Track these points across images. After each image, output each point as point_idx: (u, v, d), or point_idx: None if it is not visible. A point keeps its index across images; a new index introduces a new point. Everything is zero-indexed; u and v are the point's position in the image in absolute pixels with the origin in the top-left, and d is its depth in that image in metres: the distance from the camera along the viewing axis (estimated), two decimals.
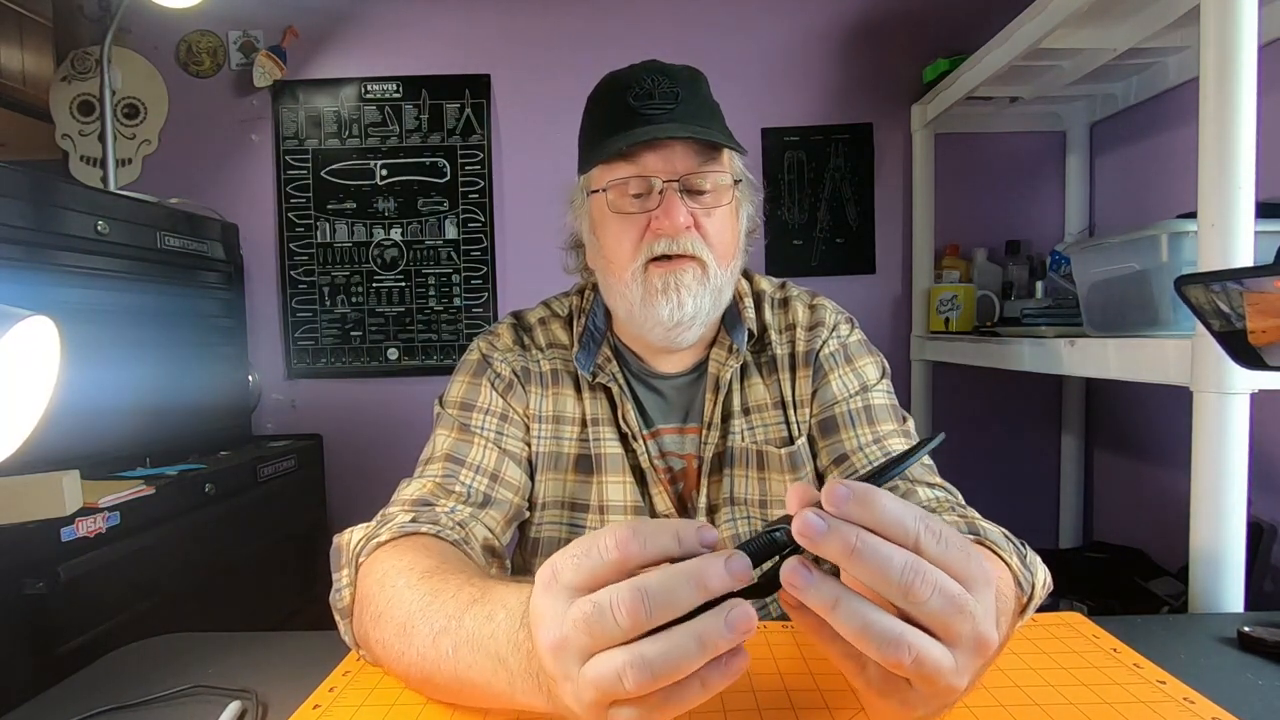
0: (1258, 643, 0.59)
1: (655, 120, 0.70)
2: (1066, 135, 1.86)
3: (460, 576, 0.51)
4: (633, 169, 0.71)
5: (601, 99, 0.76)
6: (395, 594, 0.52)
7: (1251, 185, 0.79)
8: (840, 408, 0.78)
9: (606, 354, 0.81)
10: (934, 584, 0.34)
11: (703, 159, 0.71)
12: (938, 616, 0.35)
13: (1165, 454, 1.59)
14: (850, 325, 0.84)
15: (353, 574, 0.59)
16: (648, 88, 0.72)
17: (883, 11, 1.91)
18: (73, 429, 1.20)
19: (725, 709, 0.51)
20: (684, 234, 0.70)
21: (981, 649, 0.36)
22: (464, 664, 0.44)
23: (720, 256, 0.73)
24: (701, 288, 0.71)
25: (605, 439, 0.79)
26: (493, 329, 0.85)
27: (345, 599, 0.59)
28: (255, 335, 1.92)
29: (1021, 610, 0.56)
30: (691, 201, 0.71)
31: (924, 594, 0.34)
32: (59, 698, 0.57)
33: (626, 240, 0.72)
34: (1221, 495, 0.81)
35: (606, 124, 0.73)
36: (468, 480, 0.73)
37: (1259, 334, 0.50)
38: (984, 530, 0.59)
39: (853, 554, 0.34)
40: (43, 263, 1.22)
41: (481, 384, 0.80)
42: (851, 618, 0.34)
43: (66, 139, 1.91)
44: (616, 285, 0.74)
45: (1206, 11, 0.81)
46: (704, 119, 0.72)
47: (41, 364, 0.57)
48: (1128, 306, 1.08)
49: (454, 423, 0.77)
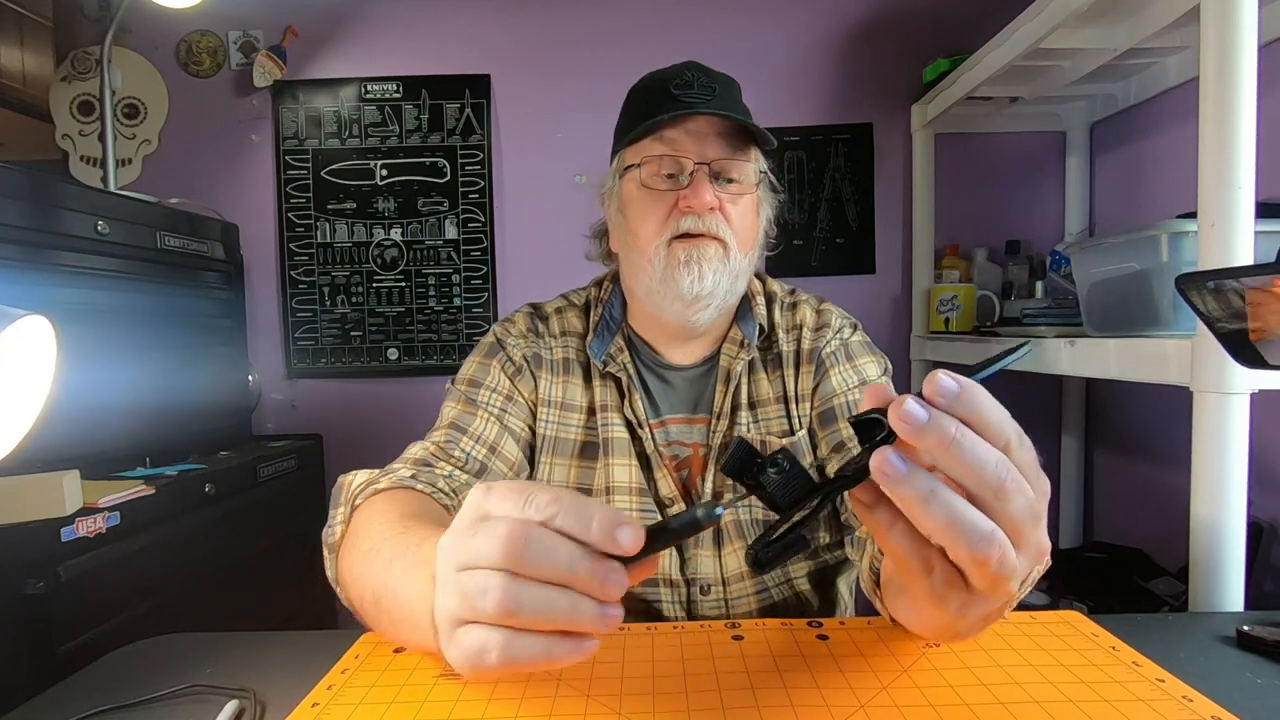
0: (1257, 642, 0.59)
1: (693, 106, 0.74)
2: (1066, 135, 1.86)
3: (436, 524, 0.54)
4: (667, 149, 0.75)
5: (643, 88, 0.81)
6: (374, 528, 0.58)
7: (1251, 185, 0.79)
8: (839, 399, 0.80)
9: (620, 344, 0.84)
10: (1021, 487, 0.34)
11: (733, 149, 0.75)
12: (1016, 520, 0.35)
13: (1165, 454, 1.59)
14: (854, 329, 0.87)
15: (348, 513, 0.64)
16: (688, 79, 0.76)
17: (883, 11, 1.91)
18: (72, 429, 1.20)
19: (725, 708, 0.51)
20: (709, 214, 0.74)
21: (1039, 559, 0.37)
22: (402, 583, 0.48)
23: (741, 242, 0.77)
24: (722, 265, 0.75)
25: (613, 424, 0.82)
26: (510, 316, 0.90)
27: (336, 535, 0.64)
28: (255, 335, 1.92)
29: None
30: (719, 187, 0.75)
31: (1012, 495, 0.34)
32: (59, 698, 0.57)
33: (654, 216, 0.76)
34: (1221, 495, 0.81)
35: (646, 108, 0.77)
36: (468, 448, 0.77)
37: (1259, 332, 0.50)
38: None
39: (951, 446, 0.33)
40: (43, 263, 1.22)
41: (492, 365, 0.84)
42: (947, 509, 0.34)
43: (66, 139, 1.91)
44: (640, 261, 0.78)
45: (1206, 11, 0.81)
46: (738, 113, 0.76)
47: (38, 363, 0.57)
48: (1128, 306, 1.08)
49: (462, 396, 0.82)
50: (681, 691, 0.54)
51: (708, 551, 0.79)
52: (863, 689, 0.53)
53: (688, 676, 0.56)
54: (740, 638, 0.63)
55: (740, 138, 0.76)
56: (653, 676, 0.56)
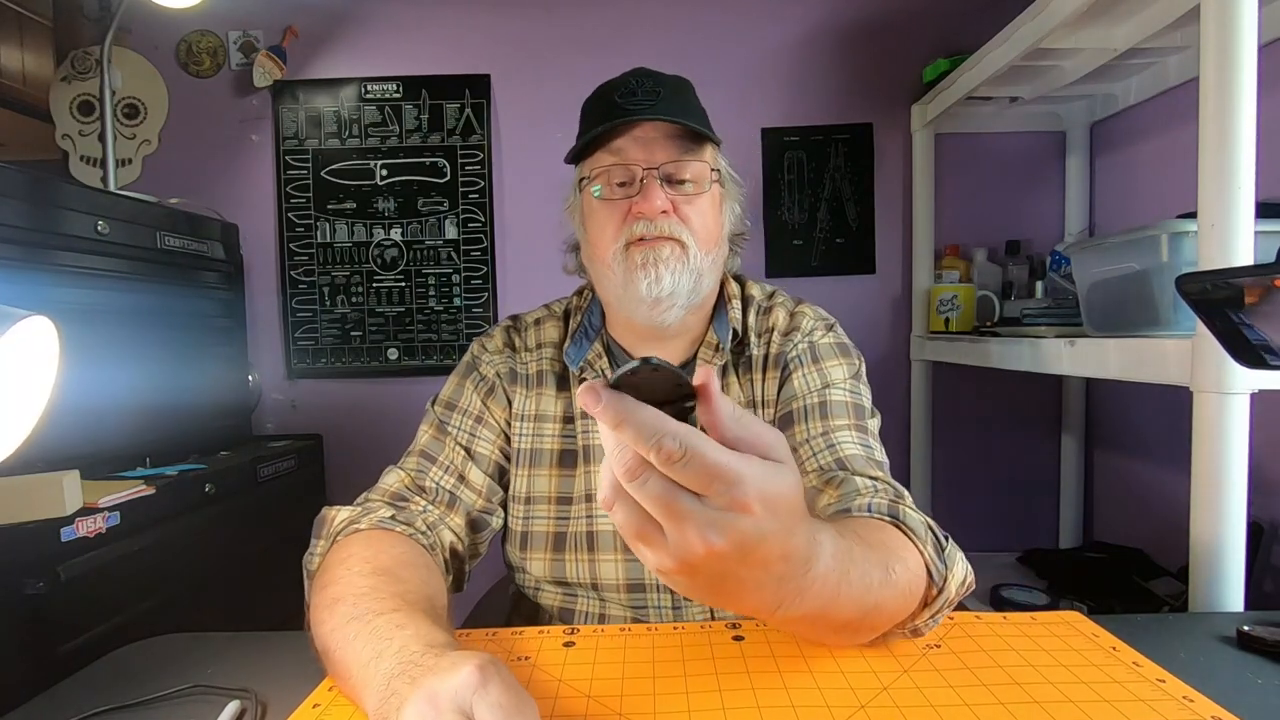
0: (1257, 642, 0.59)
1: (636, 113, 0.75)
2: (1066, 135, 1.86)
3: (401, 586, 0.58)
4: (615, 158, 0.76)
5: (591, 100, 0.82)
6: (346, 574, 0.60)
7: (1251, 185, 0.79)
8: (797, 403, 0.79)
9: (598, 350, 0.85)
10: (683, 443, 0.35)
11: (682, 150, 0.76)
12: (651, 497, 0.37)
13: (1165, 454, 1.59)
14: (826, 330, 0.86)
15: (327, 547, 0.69)
16: (632, 87, 0.77)
17: (883, 11, 1.91)
18: (73, 429, 1.20)
19: (726, 708, 0.51)
20: (661, 217, 0.75)
21: (738, 508, 0.37)
22: (353, 654, 0.51)
23: (701, 241, 0.77)
24: (681, 265, 0.75)
25: (592, 431, 0.82)
26: (490, 331, 0.91)
27: (314, 565, 0.68)
28: (255, 335, 1.92)
29: (927, 603, 0.58)
30: (672, 190, 0.76)
31: (673, 450, 0.35)
32: (59, 698, 0.57)
33: (610, 225, 0.77)
34: (1221, 495, 0.81)
35: (593, 121, 0.78)
36: (437, 478, 0.79)
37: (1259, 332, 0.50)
38: (905, 514, 0.61)
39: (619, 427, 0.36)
40: (43, 263, 1.22)
41: (465, 385, 0.86)
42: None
43: (66, 139, 1.91)
44: (602, 270, 0.79)
45: (1206, 11, 0.81)
46: (684, 115, 0.76)
47: (41, 364, 0.57)
48: (1128, 306, 1.08)
49: (435, 421, 0.84)
50: (682, 692, 0.54)
51: None
52: (863, 689, 0.53)
53: (688, 677, 0.56)
54: (741, 638, 0.63)
55: (691, 138, 0.76)
56: (653, 677, 0.56)
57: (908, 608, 0.57)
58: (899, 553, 0.56)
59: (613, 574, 0.79)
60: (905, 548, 0.57)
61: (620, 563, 0.79)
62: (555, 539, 0.81)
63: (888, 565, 0.53)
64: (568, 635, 0.65)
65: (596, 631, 0.66)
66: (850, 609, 0.50)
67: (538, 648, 0.62)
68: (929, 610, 0.58)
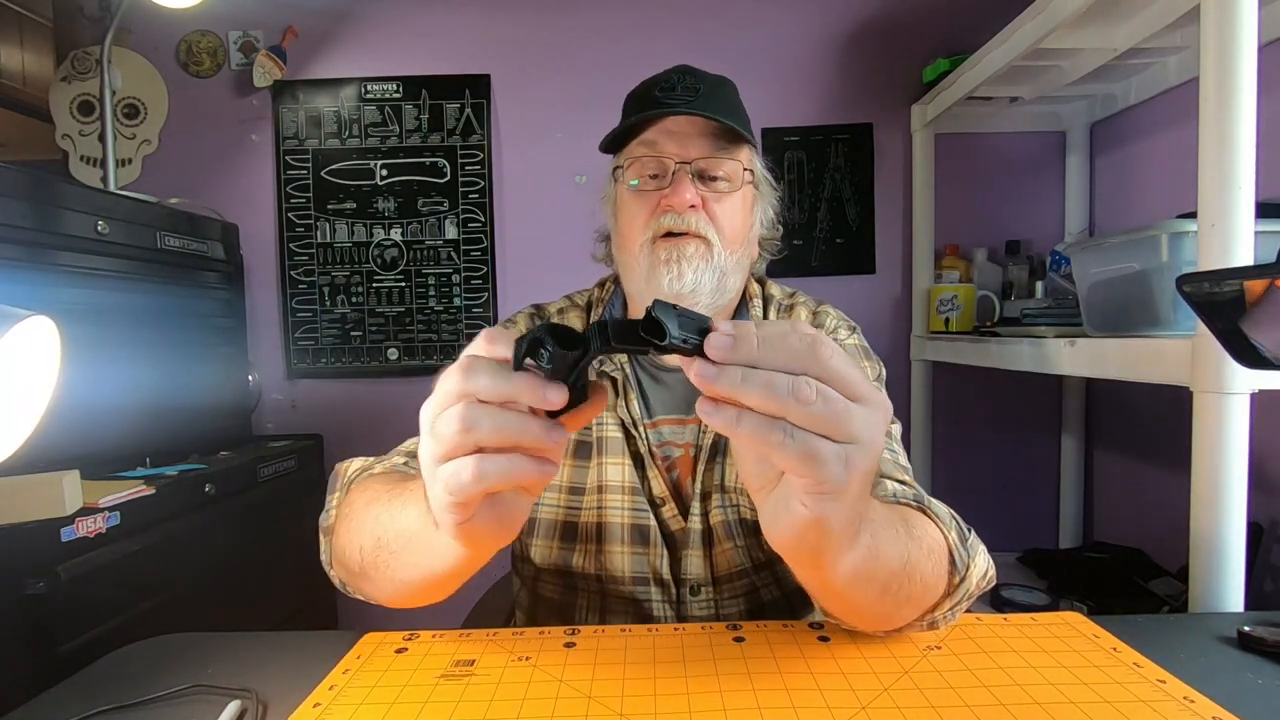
0: (1258, 642, 0.59)
1: (672, 107, 0.75)
2: (1066, 135, 1.86)
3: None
4: (648, 150, 0.77)
5: (632, 94, 0.82)
6: (372, 492, 0.61)
7: (1251, 185, 0.79)
8: None
9: None
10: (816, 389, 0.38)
11: (716, 148, 0.76)
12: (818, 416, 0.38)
13: (1165, 454, 1.59)
14: (850, 331, 0.87)
15: (343, 496, 0.68)
16: (673, 82, 0.78)
17: (883, 11, 1.91)
18: (73, 429, 1.20)
19: (726, 709, 0.51)
20: (690, 212, 0.75)
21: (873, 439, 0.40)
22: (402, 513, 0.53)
23: (727, 240, 0.77)
24: (704, 263, 0.75)
25: (607, 424, 0.82)
26: (513, 316, 0.91)
27: (331, 519, 0.67)
28: (255, 335, 1.92)
29: (949, 592, 0.59)
30: (703, 186, 0.76)
31: (809, 397, 0.37)
32: (59, 698, 0.57)
33: (639, 216, 0.77)
34: (1221, 495, 0.81)
35: (632, 112, 0.78)
36: None
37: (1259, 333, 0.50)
38: (930, 503, 0.63)
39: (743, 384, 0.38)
40: (43, 263, 1.22)
41: None
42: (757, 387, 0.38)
43: (66, 139, 1.91)
44: (629, 260, 0.79)
45: (1206, 11, 0.81)
46: (723, 113, 0.76)
47: (42, 364, 0.57)
48: (1128, 306, 1.08)
49: None
50: (683, 693, 0.54)
51: (698, 552, 0.79)
52: (864, 690, 0.53)
53: (689, 678, 0.56)
54: (742, 639, 0.63)
55: (727, 137, 0.77)
56: (654, 678, 0.56)
57: (936, 586, 0.57)
58: (926, 528, 0.58)
59: (619, 566, 0.79)
60: (931, 528, 0.59)
61: (627, 555, 0.79)
62: (564, 528, 0.81)
63: (915, 535, 0.55)
64: (569, 635, 0.65)
65: (597, 632, 0.66)
66: (893, 561, 0.51)
67: (538, 648, 0.62)
68: (950, 600, 0.59)
